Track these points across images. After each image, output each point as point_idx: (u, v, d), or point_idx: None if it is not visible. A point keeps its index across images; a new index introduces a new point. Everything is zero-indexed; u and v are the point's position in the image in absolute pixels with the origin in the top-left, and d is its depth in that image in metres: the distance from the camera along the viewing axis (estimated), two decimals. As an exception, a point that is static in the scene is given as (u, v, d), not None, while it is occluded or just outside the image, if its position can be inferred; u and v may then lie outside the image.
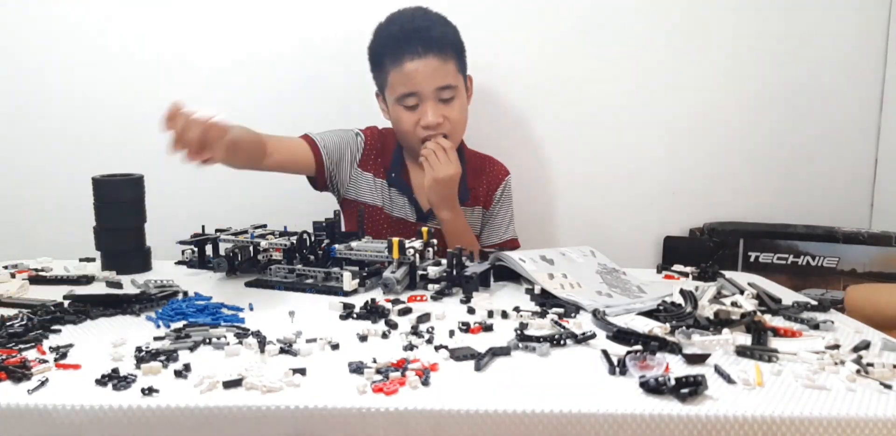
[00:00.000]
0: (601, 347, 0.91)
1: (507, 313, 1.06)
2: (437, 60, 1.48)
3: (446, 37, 1.53)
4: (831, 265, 1.84)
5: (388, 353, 0.89)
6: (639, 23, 1.86)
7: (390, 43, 1.51)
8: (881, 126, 1.93)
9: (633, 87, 1.89)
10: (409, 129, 1.53)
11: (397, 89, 1.50)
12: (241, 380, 0.79)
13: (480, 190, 1.66)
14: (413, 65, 1.47)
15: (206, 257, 1.33)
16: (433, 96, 1.50)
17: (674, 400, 0.76)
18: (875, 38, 1.89)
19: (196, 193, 1.86)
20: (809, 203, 1.95)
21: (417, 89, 1.49)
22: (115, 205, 1.33)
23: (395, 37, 1.50)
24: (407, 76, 1.48)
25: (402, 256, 1.21)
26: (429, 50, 1.48)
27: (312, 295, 1.19)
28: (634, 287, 1.22)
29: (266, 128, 1.86)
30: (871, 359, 0.87)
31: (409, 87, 1.49)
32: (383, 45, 1.53)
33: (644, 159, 1.92)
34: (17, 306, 1.09)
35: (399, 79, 1.49)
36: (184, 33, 1.81)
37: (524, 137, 1.90)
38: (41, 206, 1.85)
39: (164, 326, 1.01)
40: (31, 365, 0.83)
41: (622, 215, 1.94)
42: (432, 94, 1.50)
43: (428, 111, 1.50)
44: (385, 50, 1.52)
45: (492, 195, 1.67)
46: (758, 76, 1.89)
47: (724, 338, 0.92)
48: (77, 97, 1.82)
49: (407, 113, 1.52)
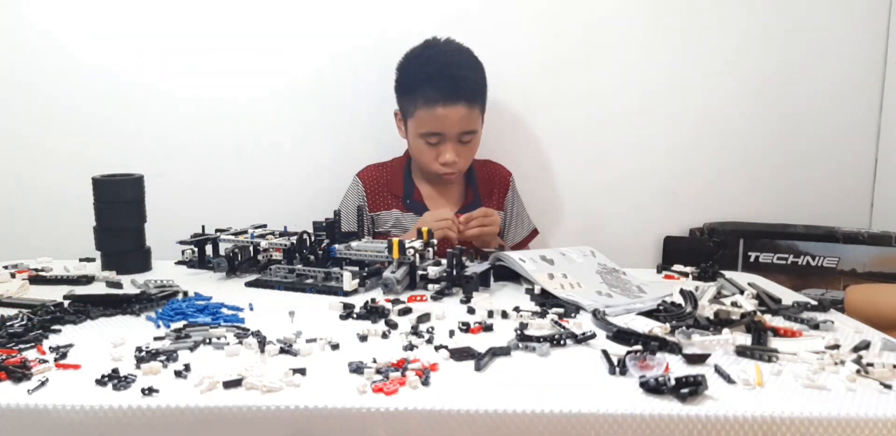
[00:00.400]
0: (601, 347, 0.91)
1: (507, 313, 1.06)
2: (466, 109, 1.59)
3: (478, 85, 1.64)
4: (831, 265, 1.84)
5: (388, 353, 0.89)
6: (639, 24, 1.86)
7: (425, 83, 1.59)
8: (881, 126, 1.93)
9: (634, 88, 1.89)
10: (429, 161, 1.64)
11: (424, 126, 1.60)
12: (241, 380, 0.79)
13: (494, 195, 1.76)
14: (444, 111, 1.57)
15: (206, 257, 1.33)
16: (455, 139, 1.61)
17: (674, 400, 0.76)
18: (875, 39, 1.89)
19: (196, 193, 1.86)
20: (809, 203, 1.95)
21: (443, 132, 1.59)
22: (115, 205, 1.33)
23: (431, 79, 1.58)
24: (436, 119, 1.58)
25: (402, 256, 1.21)
26: (461, 98, 1.58)
27: (312, 295, 1.19)
28: (634, 287, 1.22)
29: (268, 128, 1.87)
30: (871, 359, 0.87)
31: (436, 128, 1.59)
32: (417, 80, 1.61)
33: (644, 159, 1.92)
34: (17, 306, 1.09)
35: (428, 119, 1.59)
36: (184, 33, 1.81)
37: (525, 138, 1.90)
38: (41, 206, 1.85)
39: (164, 326, 1.01)
40: (31, 365, 0.83)
41: (622, 215, 1.94)
42: (455, 136, 1.61)
43: (448, 151, 1.61)
44: (418, 87, 1.60)
45: (503, 198, 1.77)
46: (758, 76, 1.89)
47: (724, 338, 0.92)
48: (77, 97, 1.82)
49: (428, 148, 1.62)
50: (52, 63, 1.80)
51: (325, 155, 1.87)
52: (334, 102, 1.85)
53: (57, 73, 1.81)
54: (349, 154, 1.82)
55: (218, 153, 1.86)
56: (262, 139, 1.87)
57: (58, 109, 1.82)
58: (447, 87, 1.57)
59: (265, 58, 1.83)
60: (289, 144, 1.88)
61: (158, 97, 1.83)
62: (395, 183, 1.71)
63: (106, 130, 1.83)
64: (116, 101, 1.82)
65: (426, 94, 1.58)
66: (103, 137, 1.83)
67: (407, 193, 1.70)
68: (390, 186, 1.71)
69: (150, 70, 1.82)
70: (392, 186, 1.71)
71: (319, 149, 1.87)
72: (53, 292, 1.17)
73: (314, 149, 1.87)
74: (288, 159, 1.88)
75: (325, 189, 1.78)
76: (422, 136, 1.61)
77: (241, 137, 1.87)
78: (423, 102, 1.58)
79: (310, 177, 1.87)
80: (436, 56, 1.63)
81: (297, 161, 1.88)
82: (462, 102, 1.58)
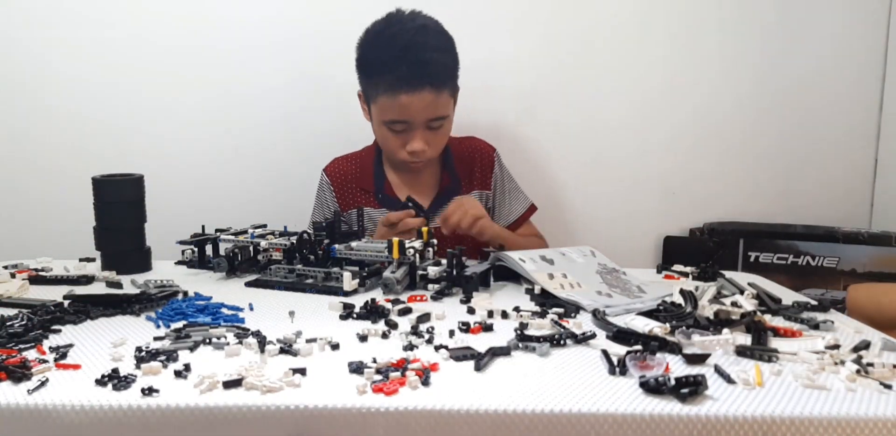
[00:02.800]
0: (601, 347, 0.91)
1: (507, 313, 1.06)
2: (433, 94, 1.45)
3: (446, 68, 1.49)
4: (831, 265, 1.84)
5: (388, 353, 0.89)
6: (639, 24, 1.86)
7: (387, 67, 1.45)
8: (881, 127, 1.93)
9: (634, 88, 1.89)
10: (395, 149, 1.52)
11: (387, 114, 1.47)
12: (241, 380, 0.79)
13: (475, 174, 1.65)
14: (409, 98, 1.43)
15: (206, 257, 1.33)
16: (423, 125, 1.48)
17: (674, 400, 0.76)
18: (875, 39, 1.89)
19: (196, 193, 1.86)
20: (809, 203, 1.95)
21: (408, 119, 1.47)
22: (115, 205, 1.33)
23: (394, 62, 1.44)
24: (400, 106, 1.45)
25: (402, 256, 1.21)
26: (425, 84, 1.44)
27: (312, 295, 1.18)
28: (634, 287, 1.22)
29: (268, 128, 1.87)
30: (871, 359, 0.87)
31: (400, 116, 1.47)
32: (378, 63, 1.47)
33: (644, 160, 1.92)
34: (17, 306, 1.09)
35: (391, 106, 1.46)
36: (184, 33, 1.81)
37: (525, 137, 1.90)
38: (41, 206, 1.85)
39: (164, 326, 1.01)
40: (31, 365, 0.83)
41: (622, 215, 1.94)
42: (422, 123, 1.48)
43: (416, 140, 1.49)
44: (379, 71, 1.47)
45: (489, 176, 1.66)
46: (758, 76, 1.90)
47: (724, 338, 0.92)
48: (77, 97, 1.82)
49: (393, 135, 1.50)
50: (52, 63, 1.81)
51: (325, 155, 1.87)
52: (335, 102, 1.85)
53: (57, 73, 1.81)
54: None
55: (218, 153, 1.87)
56: (262, 139, 1.87)
57: (58, 108, 1.83)
58: (411, 72, 1.42)
59: (265, 57, 1.84)
60: (289, 144, 1.88)
61: (158, 97, 1.83)
62: (365, 176, 1.61)
63: (106, 130, 1.84)
64: (116, 101, 1.83)
65: (388, 80, 1.43)
66: (103, 137, 1.84)
67: (378, 187, 1.59)
68: (360, 181, 1.61)
69: (150, 70, 1.82)
70: (362, 180, 1.61)
71: (319, 149, 1.87)
72: (53, 292, 1.17)
73: (315, 149, 1.87)
74: (288, 159, 1.88)
75: (326, 189, 1.78)
76: (385, 123, 1.48)
77: (241, 137, 1.87)
78: (385, 88, 1.44)
79: (310, 177, 1.87)
80: (399, 34, 1.45)
81: (298, 161, 1.88)
82: (427, 88, 1.43)
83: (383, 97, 1.46)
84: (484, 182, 1.65)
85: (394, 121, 1.48)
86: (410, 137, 1.49)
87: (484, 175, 1.65)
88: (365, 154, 1.66)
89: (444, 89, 1.48)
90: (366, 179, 1.61)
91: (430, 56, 1.45)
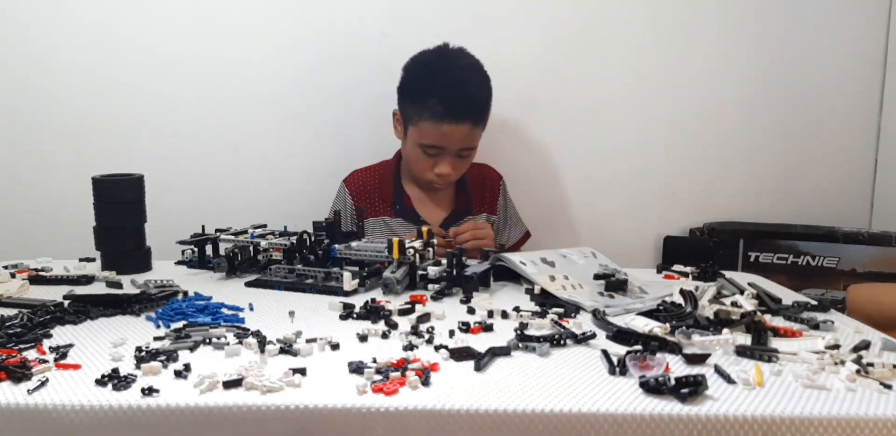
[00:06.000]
0: (601, 347, 0.91)
1: (507, 313, 1.06)
2: (470, 127, 1.57)
3: (486, 105, 1.62)
4: (831, 265, 1.84)
5: (388, 353, 0.89)
6: (638, 23, 1.86)
7: (435, 97, 1.55)
8: (881, 126, 1.93)
9: (634, 88, 1.89)
10: (424, 170, 1.63)
11: (426, 139, 1.58)
12: (241, 380, 0.79)
13: (485, 198, 1.75)
14: (450, 128, 1.55)
15: (206, 257, 1.33)
16: (455, 153, 1.60)
17: (674, 400, 0.76)
18: (875, 39, 1.89)
19: (196, 193, 1.86)
20: (809, 203, 1.95)
21: (445, 146, 1.58)
22: (115, 205, 1.33)
23: (442, 94, 1.55)
24: (441, 134, 1.56)
25: (402, 256, 1.21)
26: (468, 118, 1.56)
27: (312, 295, 1.18)
28: (636, 288, 1.22)
29: (268, 128, 1.87)
30: (871, 359, 0.87)
31: (438, 142, 1.58)
32: (426, 91, 1.57)
33: (644, 159, 1.92)
34: (17, 306, 1.09)
35: (431, 132, 1.57)
36: (184, 33, 1.81)
37: (524, 138, 1.90)
38: (41, 206, 1.85)
39: (164, 326, 1.01)
40: (31, 365, 0.83)
41: (622, 215, 1.94)
42: (455, 151, 1.60)
43: (445, 164, 1.60)
44: (427, 98, 1.56)
45: (496, 202, 1.77)
46: (758, 76, 1.90)
47: (724, 338, 0.92)
48: (77, 97, 1.82)
49: (425, 158, 1.61)
50: (52, 63, 1.80)
51: (325, 155, 1.87)
52: (335, 102, 1.85)
53: (57, 74, 1.81)
54: (350, 154, 1.82)
55: (218, 153, 1.86)
56: (262, 139, 1.87)
57: (58, 109, 1.82)
58: (457, 105, 1.55)
59: (266, 57, 1.83)
60: (289, 144, 1.88)
61: (158, 97, 1.83)
62: (385, 188, 1.70)
63: (106, 130, 1.83)
64: (116, 101, 1.82)
65: (434, 109, 1.54)
66: (103, 137, 1.83)
67: (397, 199, 1.69)
68: (380, 192, 1.70)
69: (150, 70, 1.82)
70: (382, 192, 1.70)
71: (320, 149, 1.88)
72: (53, 292, 1.17)
73: (315, 149, 1.88)
74: (288, 159, 1.88)
75: (326, 189, 1.78)
76: (422, 146, 1.59)
77: (241, 137, 1.87)
78: (429, 115, 1.55)
79: (310, 177, 1.87)
80: (449, 69, 1.60)
81: (298, 161, 1.88)
82: (469, 121, 1.56)
83: (427, 123, 1.56)
84: (491, 207, 1.76)
85: (431, 145, 1.59)
86: (440, 160, 1.60)
87: (492, 200, 1.77)
88: (384, 168, 1.74)
89: (480, 124, 1.61)
90: (385, 190, 1.70)
91: (475, 93, 1.60)
